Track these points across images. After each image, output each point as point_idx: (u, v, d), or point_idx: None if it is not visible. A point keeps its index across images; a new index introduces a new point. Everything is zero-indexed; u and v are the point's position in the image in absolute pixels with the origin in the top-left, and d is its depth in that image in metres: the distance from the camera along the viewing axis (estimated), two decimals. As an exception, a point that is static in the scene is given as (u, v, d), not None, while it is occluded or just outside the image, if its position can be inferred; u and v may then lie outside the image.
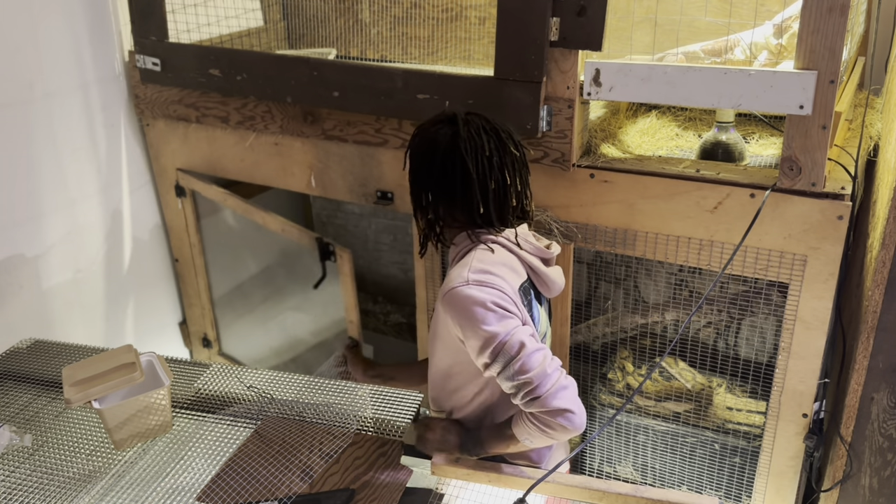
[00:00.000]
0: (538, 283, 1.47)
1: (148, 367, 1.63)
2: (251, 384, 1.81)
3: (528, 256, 1.44)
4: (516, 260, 1.42)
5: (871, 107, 1.94)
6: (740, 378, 2.08)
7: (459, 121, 1.40)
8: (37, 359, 1.94)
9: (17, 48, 2.00)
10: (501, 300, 1.33)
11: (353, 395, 1.76)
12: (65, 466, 1.55)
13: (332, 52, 2.31)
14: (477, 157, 1.37)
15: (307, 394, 1.77)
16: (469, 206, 1.40)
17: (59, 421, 1.69)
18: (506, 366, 1.31)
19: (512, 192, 1.43)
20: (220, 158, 2.30)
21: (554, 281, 1.48)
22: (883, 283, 1.41)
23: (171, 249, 2.61)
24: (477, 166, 1.37)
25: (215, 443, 1.60)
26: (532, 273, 1.45)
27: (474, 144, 1.38)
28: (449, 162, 1.38)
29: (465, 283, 1.33)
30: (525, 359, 1.30)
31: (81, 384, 1.52)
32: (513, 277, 1.39)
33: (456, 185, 1.39)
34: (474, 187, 1.38)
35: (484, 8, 2.21)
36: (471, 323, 1.32)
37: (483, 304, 1.31)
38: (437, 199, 1.42)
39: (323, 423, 1.65)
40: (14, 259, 2.09)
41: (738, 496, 1.96)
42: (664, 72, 1.52)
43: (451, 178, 1.39)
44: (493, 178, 1.39)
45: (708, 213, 1.64)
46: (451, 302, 1.34)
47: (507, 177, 1.40)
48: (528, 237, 1.48)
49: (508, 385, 1.33)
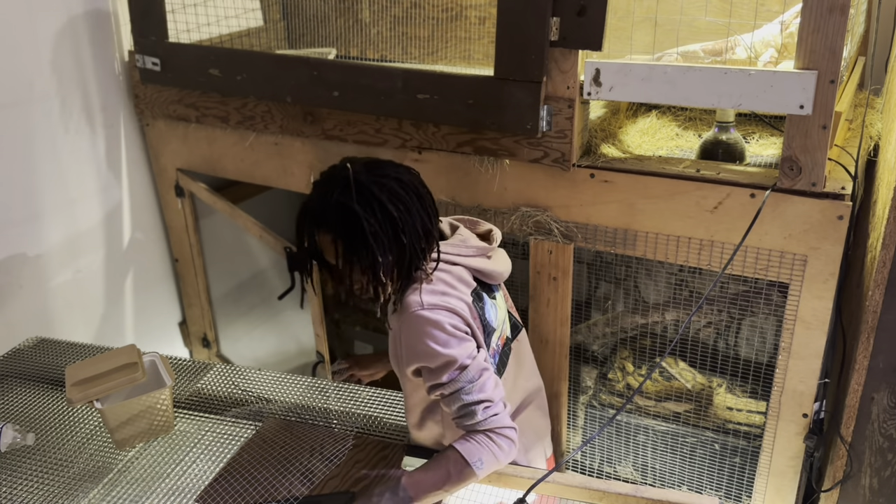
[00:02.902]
0: (484, 279, 1.47)
1: (150, 368, 1.63)
2: (251, 385, 1.81)
3: (470, 261, 1.43)
4: (461, 269, 1.42)
5: (871, 107, 1.94)
6: (740, 378, 2.08)
7: (363, 180, 1.30)
8: (40, 357, 1.95)
9: (17, 48, 2.00)
10: (458, 323, 1.33)
11: (354, 398, 1.76)
12: (67, 465, 1.55)
13: (332, 51, 2.30)
14: (399, 205, 1.31)
15: (308, 396, 1.77)
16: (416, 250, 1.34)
17: (61, 420, 1.69)
18: (463, 387, 1.32)
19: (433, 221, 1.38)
20: (220, 158, 2.30)
21: (499, 272, 1.48)
22: (883, 283, 1.41)
23: (170, 249, 2.61)
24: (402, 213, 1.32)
25: (216, 444, 1.60)
26: (478, 273, 1.45)
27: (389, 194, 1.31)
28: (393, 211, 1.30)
29: (421, 307, 1.32)
30: (486, 382, 1.33)
31: (84, 384, 1.53)
32: (463, 288, 1.39)
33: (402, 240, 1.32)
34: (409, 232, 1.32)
35: (484, 8, 2.21)
36: (427, 347, 1.31)
37: (441, 327, 1.31)
38: (398, 256, 1.33)
39: (324, 425, 1.65)
40: (14, 259, 2.09)
41: (738, 496, 1.96)
42: (664, 72, 1.52)
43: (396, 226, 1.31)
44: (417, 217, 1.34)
45: (708, 213, 1.63)
46: (408, 326, 1.33)
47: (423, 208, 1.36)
48: (467, 240, 1.46)
49: (460, 404, 1.33)
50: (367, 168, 1.33)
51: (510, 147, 1.75)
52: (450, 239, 1.46)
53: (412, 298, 1.34)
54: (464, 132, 1.80)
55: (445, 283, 1.37)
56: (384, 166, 1.35)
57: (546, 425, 1.70)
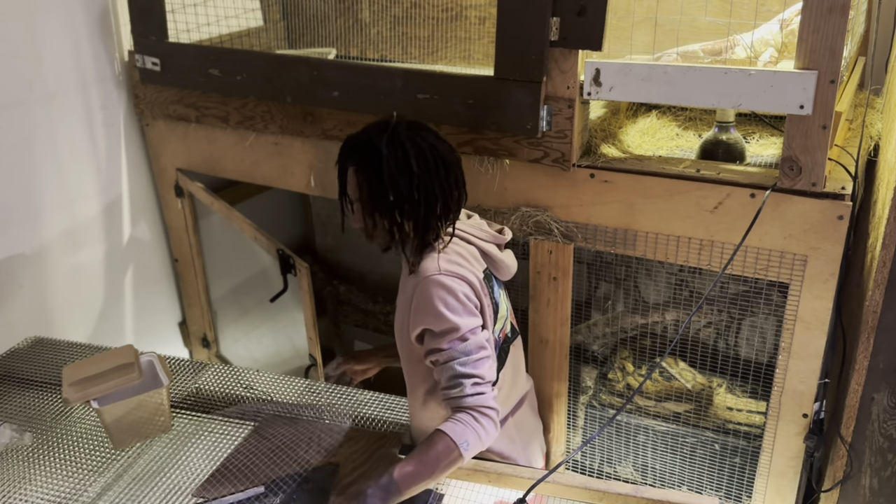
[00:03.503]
0: (493, 268, 1.57)
1: (148, 368, 1.63)
2: (250, 385, 1.81)
3: (484, 244, 1.54)
4: (475, 249, 1.51)
5: (871, 107, 1.94)
6: (740, 378, 2.08)
7: (400, 132, 1.40)
8: (38, 357, 1.95)
9: (17, 48, 2.00)
10: (470, 294, 1.41)
11: (351, 397, 1.76)
12: (64, 465, 1.55)
13: (332, 51, 2.30)
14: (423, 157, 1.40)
15: (306, 396, 1.77)
16: (436, 211, 1.42)
17: (59, 419, 1.69)
18: (459, 357, 1.36)
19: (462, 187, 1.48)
20: (220, 158, 2.30)
21: (508, 265, 1.59)
22: (883, 283, 1.41)
23: (170, 249, 2.61)
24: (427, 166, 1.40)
25: (214, 442, 1.60)
26: (488, 259, 1.54)
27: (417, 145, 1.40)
28: (423, 164, 1.40)
29: (438, 272, 1.40)
30: (482, 360, 1.38)
31: (80, 384, 1.53)
32: (477, 265, 1.49)
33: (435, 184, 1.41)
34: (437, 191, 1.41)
35: (484, 8, 2.21)
36: (436, 310, 1.37)
37: (454, 294, 1.38)
38: (415, 208, 1.41)
39: (320, 420, 1.65)
40: (14, 258, 2.09)
41: (738, 496, 1.96)
42: (664, 72, 1.52)
43: (432, 178, 1.40)
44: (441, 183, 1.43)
45: (708, 213, 1.63)
46: (422, 288, 1.40)
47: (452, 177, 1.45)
48: (482, 226, 1.58)
49: (451, 374, 1.37)
50: (409, 125, 1.43)
51: (510, 147, 1.75)
52: (467, 221, 1.57)
53: (429, 265, 1.41)
54: (464, 132, 1.80)
55: (461, 255, 1.46)
56: (425, 131, 1.45)
57: (538, 423, 1.82)
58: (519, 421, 1.68)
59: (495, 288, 1.54)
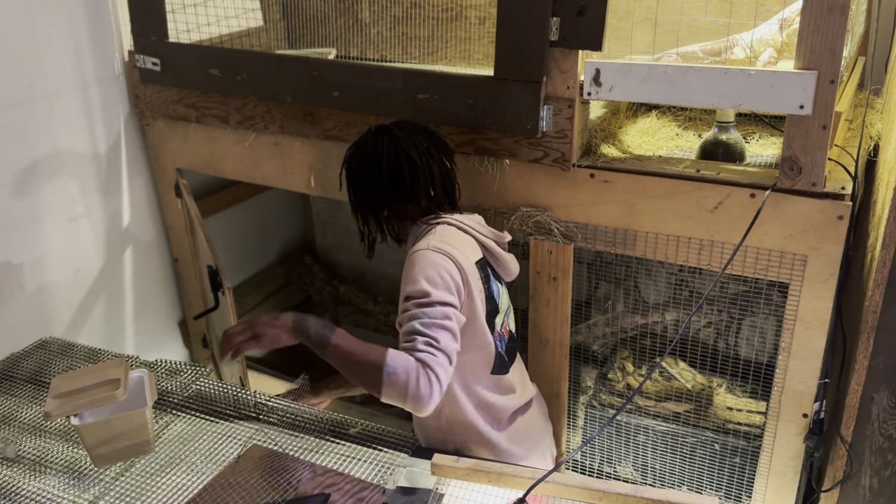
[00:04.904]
0: (495, 264, 1.62)
1: (136, 384, 1.59)
2: (249, 386, 1.81)
3: (483, 238, 1.59)
4: (471, 239, 1.55)
5: (871, 107, 1.94)
6: (740, 378, 2.08)
7: (391, 128, 1.57)
8: (39, 360, 1.94)
9: (18, 48, 2.00)
10: (454, 272, 1.44)
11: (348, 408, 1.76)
12: (62, 468, 1.55)
13: (332, 52, 2.30)
14: (418, 150, 1.55)
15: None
16: (419, 194, 1.55)
17: (58, 423, 1.69)
18: (421, 318, 1.38)
19: (453, 176, 1.63)
20: (220, 158, 2.30)
21: (510, 264, 1.64)
22: (883, 283, 1.41)
23: (171, 249, 2.61)
24: (420, 157, 1.54)
25: (212, 444, 1.60)
26: (488, 254, 1.59)
27: (413, 140, 1.55)
28: (395, 160, 1.53)
29: (427, 247, 1.46)
30: (442, 329, 1.38)
31: (64, 397, 1.49)
32: (470, 252, 1.53)
33: (405, 179, 1.54)
34: (421, 175, 1.54)
35: (484, 8, 2.21)
36: (414, 277, 1.42)
37: (436, 267, 1.43)
38: (388, 198, 1.56)
39: (318, 431, 1.64)
40: (14, 259, 2.09)
41: (738, 496, 1.96)
42: (664, 72, 1.52)
43: (400, 173, 1.53)
44: (435, 165, 1.56)
45: (708, 213, 1.63)
46: (408, 261, 1.46)
47: (446, 162, 1.60)
48: (483, 223, 1.63)
49: (411, 329, 1.38)
50: (398, 122, 1.61)
51: (510, 147, 1.76)
52: (468, 216, 1.62)
53: (421, 242, 1.49)
54: (464, 132, 1.80)
55: (455, 239, 1.52)
56: (412, 126, 1.60)
57: (548, 425, 1.82)
58: (528, 422, 1.70)
59: (492, 279, 1.58)
